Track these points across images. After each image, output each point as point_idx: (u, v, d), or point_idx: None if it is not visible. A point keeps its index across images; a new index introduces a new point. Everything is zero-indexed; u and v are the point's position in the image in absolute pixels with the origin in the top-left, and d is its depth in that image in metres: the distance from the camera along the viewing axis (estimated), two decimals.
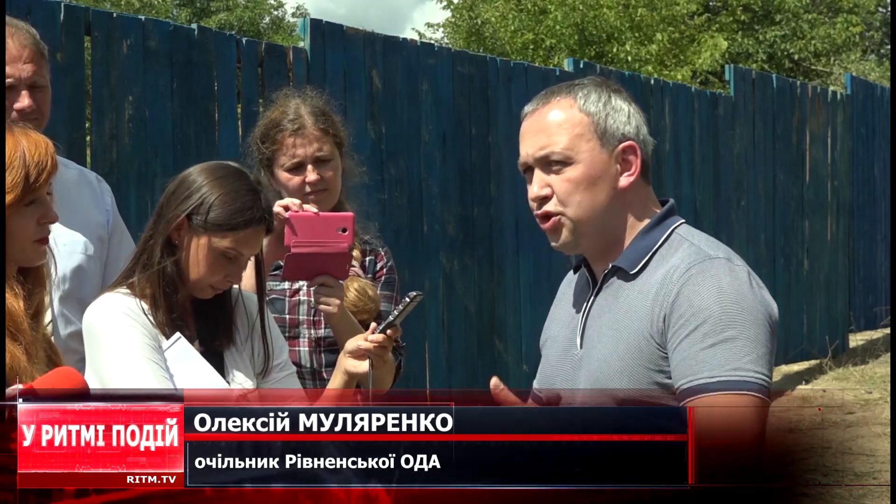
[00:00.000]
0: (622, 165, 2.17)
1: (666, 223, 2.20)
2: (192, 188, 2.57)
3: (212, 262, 2.55)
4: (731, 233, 8.99)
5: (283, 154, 3.12)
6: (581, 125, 2.16)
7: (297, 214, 2.90)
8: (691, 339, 2.01)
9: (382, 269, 3.25)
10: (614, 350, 2.12)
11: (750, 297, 2.04)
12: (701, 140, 8.72)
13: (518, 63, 7.23)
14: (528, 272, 6.84)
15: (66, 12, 4.60)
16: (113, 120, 4.74)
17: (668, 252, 2.15)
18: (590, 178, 2.15)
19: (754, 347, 2.00)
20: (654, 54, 17.03)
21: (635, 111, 2.22)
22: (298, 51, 5.64)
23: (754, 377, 1.98)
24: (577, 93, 2.19)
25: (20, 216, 2.13)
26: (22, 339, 2.08)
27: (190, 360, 2.59)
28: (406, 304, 2.62)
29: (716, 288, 2.03)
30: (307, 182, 3.11)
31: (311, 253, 2.87)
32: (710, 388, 1.97)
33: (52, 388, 1.89)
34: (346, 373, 2.67)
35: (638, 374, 2.08)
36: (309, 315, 3.14)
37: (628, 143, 2.17)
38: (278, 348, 2.76)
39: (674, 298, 2.05)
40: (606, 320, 2.16)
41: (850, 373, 9.83)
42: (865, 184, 11.26)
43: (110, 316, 2.53)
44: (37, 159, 2.13)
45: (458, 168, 6.43)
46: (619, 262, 2.18)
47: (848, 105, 10.77)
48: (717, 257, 2.10)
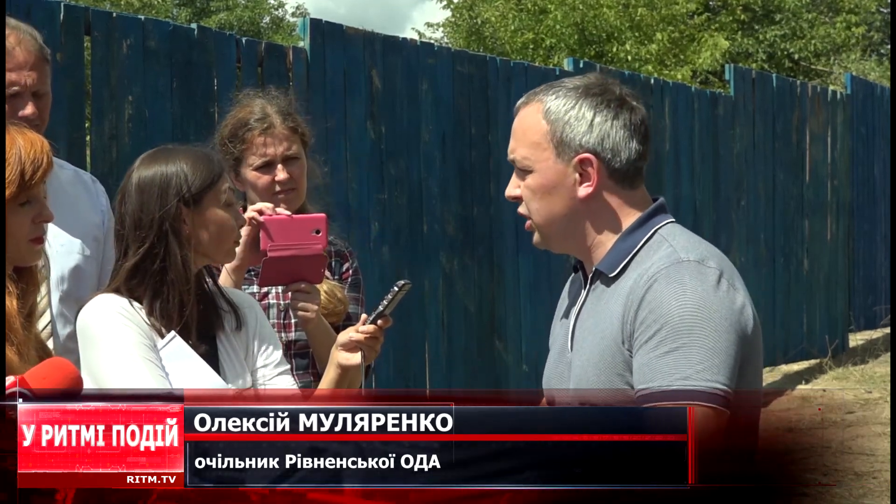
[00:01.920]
0: (582, 176, 2.14)
1: (649, 224, 2.17)
2: (164, 179, 2.52)
3: (229, 222, 2.57)
4: (731, 233, 9.00)
5: (253, 153, 3.12)
6: (539, 133, 2.16)
7: (271, 218, 2.91)
8: (649, 345, 2.00)
9: (348, 271, 3.25)
10: (592, 356, 2.12)
11: (714, 303, 2.01)
12: (701, 140, 8.72)
13: (518, 63, 7.23)
14: (528, 272, 6.84)
15: (66, 12, 4.60)
16: (113, 120, 4.74)
17: (646, 254, 2.12)
18: (544, 188, 2.16)
19: (710, 356, 1.97)
20: (654, 54, 17.03)
21: (605, 118, 2.14)
22: (298, 51, 5.64)
23: (705, 386, 1.95)
24: (550, 96, 2.17)
25: (15, 215, 2.13)
26: (14, 338, 2.08)
27: (185, 359, 2.59)
28: (395, 293, 2.60)
29: (678, 293, 2.00)
30: (277, 181, 3.11)
31: (287, 256, 2.88)
32: (658, 396, 1.95)
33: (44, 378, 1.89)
34: (338, 366, 2.67)
35: (612, 382, 2.07)
36: (279, 318, 3.15)
37: (584, 155, 2.13)
38: (273, 346, 2.76)
39: (639, 304, 2.03)
40: (590, 325, 2.17)
41: (850, 373, 9.83)
42: (865, 184, 11.26)
43: (104, 316, 2.52)
44: (32, 157, 2.12)
45: (458, 168, 6.43)
46: (600, 265, 2.17)
47: (848, 105, 10.77)
48: (686, 260, 2.05)
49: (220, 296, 2.70)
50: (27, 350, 2.11)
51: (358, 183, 5.80)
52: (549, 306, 2.53)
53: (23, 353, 2.08)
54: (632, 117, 2.17)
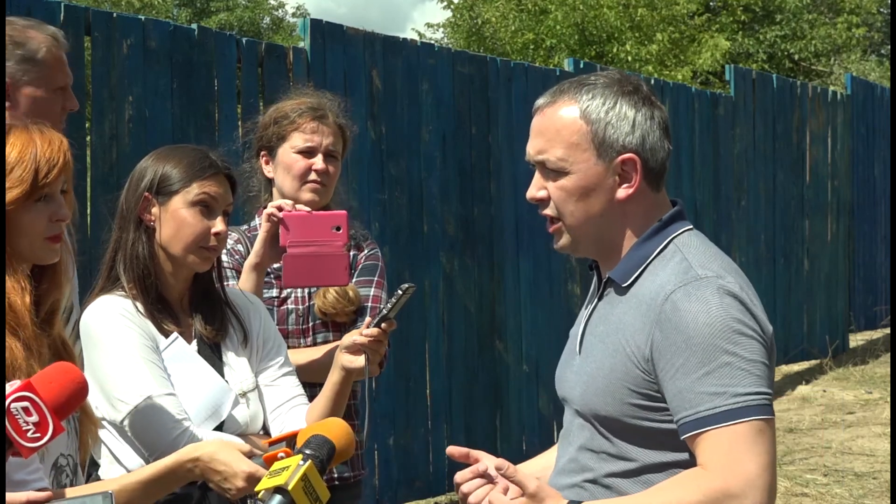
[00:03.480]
0: (621, 177, 2.10)
1: (666, 231, 2.13)
2: (144, 171, 2.63)
3: (191, 219, 2.57)
4: (731, 233, 8.99)
5: (300, 134, 3.12)
6: (578, 133, 2.09)
7: (291, 214, 2.90)
8: (685, 369, 1.96)
9: (361, 259, 3.23)
10: (602, 366, 2.10)
11: (741, 316, 1.98)
12: (701, 140, 8.72)
13: (518, 63, 7.22)
14: (528, 272, 6.84)
15: (66, 12, 4.60)
16: (113, 120, 4.73)
17: (660, 264, 2.09)
18: (583, 189, 2.09)
19: (751, 367, 1.95)
20: (655, 54, 17.03)
21: (644, 118, 2.11)
22: (298, 51, 5.63)
23: (755, 400, 1.94)
24: (584, 95, 2.10)
25: (29, 212, 2.14)
26: (22, 333, 2.09)
27: (188, 360, 2.59)
28: (398, 296, 2.58)
29: (704, 312, 1.97)
30: (314, 169, 3.11)
31: (308, 254, 2.85)
32: (712, 421, 1.94)
33: (51, 382, 1.90)
34: (342, 368, 2.67)
35: (620, 394, 2.05)
36: (298, 324, 3.13)
37: (627, 155, 2.09)
38: (277, 347, 2.76)
39: (661, 324, 2.00)
40: (600, 332, 2.14)
41: (850, 373, 9.83)
42: (865, 184, 11.26)
43: (107, 318, 2.54)
44: (48, 156, 2.14)
45: (458, 168, 6.43)
46: (613, 273, 2.13)
47: (848, 105, 10.77)
48: (704, 277, 2.02)
49: (228, 306, 2.70)
50: (39, 346, 2.12)
51: (358, 183, 5.79)
52: (549, 306, 2.53)
53: (31, 349, 2.09)
54: (662, 115, 2.15)
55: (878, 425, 7.81)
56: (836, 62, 21.90)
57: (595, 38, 17.49)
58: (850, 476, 6.60)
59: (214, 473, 2.24)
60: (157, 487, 2.24)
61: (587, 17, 17.31)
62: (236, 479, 2.23)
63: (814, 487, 6.37)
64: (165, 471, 2.24)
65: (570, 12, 17.42)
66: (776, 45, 20.77)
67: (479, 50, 18.18)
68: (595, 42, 17.54)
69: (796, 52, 20.76)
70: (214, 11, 29.52)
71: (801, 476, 6.58)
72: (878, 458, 6.98)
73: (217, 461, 2.24)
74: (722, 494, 1.91)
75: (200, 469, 2.24)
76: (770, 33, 20.74)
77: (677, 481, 1.98)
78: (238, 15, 29.64)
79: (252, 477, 2.22)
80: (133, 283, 2.58)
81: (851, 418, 8.16)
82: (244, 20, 29.43)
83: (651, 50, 17.01)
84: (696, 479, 1.94)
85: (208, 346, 2.64)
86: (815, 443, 7.41)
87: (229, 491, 2.25)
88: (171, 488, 2.29)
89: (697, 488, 1.93)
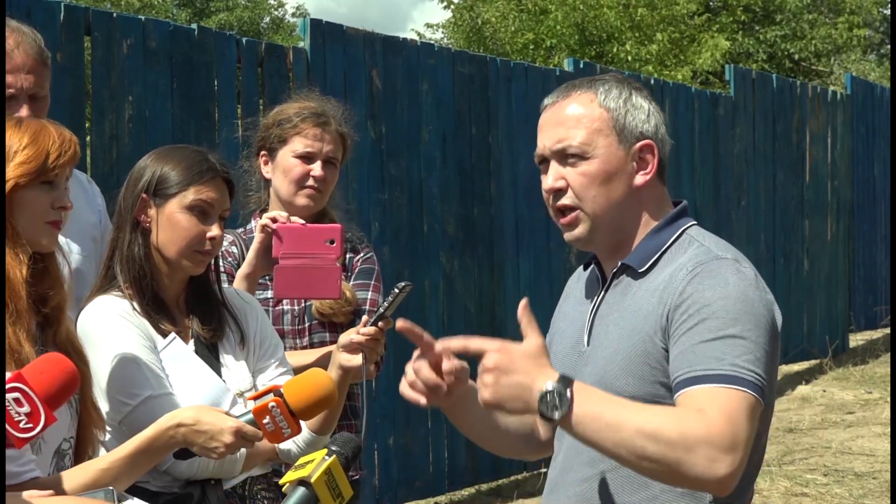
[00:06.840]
0: (639, 164, 2.16)
1: (677, 223, 2.19)
2: (142, 171, 2.63)
3: (186, 223, 2.57)
4: (731, 233, 8.99)
5: (301, 139, 3.12)
6: (600, 120, 2.16)
7: (284, 225, 2.89)
8: (692, 332, 1.99)
9: (357, 262, 3.23)
10: (620, 348, 2.10)
11: (755, 300, 2.02)
12: (701, 140, 8.72)
13: (518, 63, 7.22)
14: (528, 272, 6.84)
15: (66, 12, 4.60)
16: (113, 120, 4.74)
17: (677, 252, 2.14)
18: (605, 174, 2.14)
19: (754, 348, 1.97)
20: (655, 54, 17.03)
21: (655, 110, 2.22)
22: (298, 51, 5.63)
23: (751, 376, 1.95)
24: (599, 88, 2.18)
25: (35, 191, 2.19)
26: (13, 304, 2.14)
27: (186, 360, 2.59)
28: (395, 294, 2.58)
29: (722, 286, 2.01)
30: (312, 175, 3.11)
31: (300, 266, 2.83)
32: (706, 379, 1.94)
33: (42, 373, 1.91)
34: (339, 367, 2.67)
35: (642, 373, 2.06)
36: (293, 325, 3.14)
37: (646, 141, 2.17)
38: (274, 347, 2.76)
39: (678, 295, 2.03)
40: (614, 318, 2.16)
41: (850, 373, 9.83)
42: (865, 184, 11.25)
43: (104, 318, 2.54)
44: (59, 143, 2.21)
45: (458, 168, 6.43)
46: (629, 259, 2.17)
47: (848, 105, 10.77)
48: (725, 258, 2.08)
49: (225, 306, 2.70)
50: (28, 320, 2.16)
51: (358, 183, 5.79)
52: (550, 306, 2.52)
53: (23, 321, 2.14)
54: (662, 114, 2.26)
55: (878, 425, 7.81)
56: (836, 62, 21.91)
57: (595, 38, 17.49)
58: (850, 476, 6.60)
59: (199, 435, 2.26)
60: (143, 458, 2.27)
61: (587, 17, 17.31)
62: (223, 435, 2.25)
63: (814, 487, 6.37)
64: (149, 441, 2.26)
65: (570, 12, 17.42)
66: (776, 45, 20.76)
67: (479, 50, 18.19)
68: (595, 42, 17.53)
69: (796, 52, 20.76)
70: (214, 11, 29.52)
71: (801, 476, 6.58)
72: (878, 458, 6.98)
73: (202, 422, 2.26)
74: (720, 440, 1.85)
75: (183, 433, 2.26)
76: (770, 33, 20.74)
77: (681, 410, 1.93)
78: (238, 15, 29.65)
79: (239, 431, 2.24)
80: (129, 284, 2.59)
81: (851, 418, 8.16)
82: (244, 20, 29.43)
83: (651, 50, 17.01)
84: (700, 417, 1.89)
85: (205, 347, 2.64)
86: (815, 443, 7.41)
87: (217, 450, 2.27)
88: (156, 458, 2.31)
89: (700, 422, 1.87)
